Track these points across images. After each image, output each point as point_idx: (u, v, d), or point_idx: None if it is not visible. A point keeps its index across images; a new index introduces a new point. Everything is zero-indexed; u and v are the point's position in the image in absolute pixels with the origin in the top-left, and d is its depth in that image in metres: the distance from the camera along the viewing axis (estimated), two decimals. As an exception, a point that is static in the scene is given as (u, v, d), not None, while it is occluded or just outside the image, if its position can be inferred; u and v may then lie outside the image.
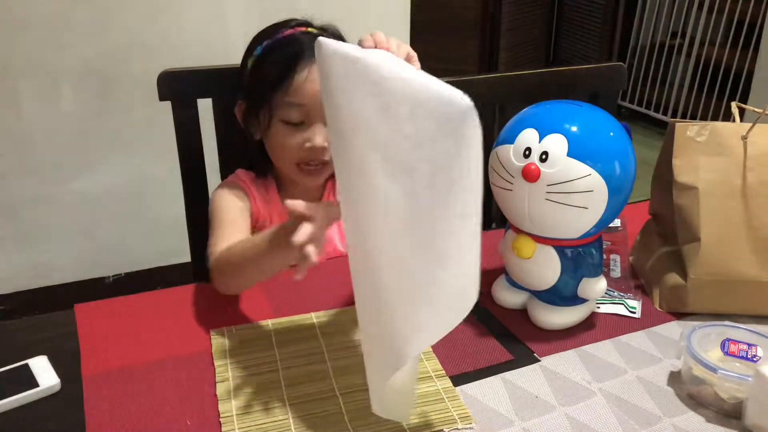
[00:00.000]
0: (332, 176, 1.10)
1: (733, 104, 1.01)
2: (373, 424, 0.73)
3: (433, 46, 2.65)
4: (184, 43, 2.01)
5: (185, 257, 1.27)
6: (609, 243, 1.11)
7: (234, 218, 1.00)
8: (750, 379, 0.72)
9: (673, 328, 0.92)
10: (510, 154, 0.83)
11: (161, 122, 1.29)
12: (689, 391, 0.79)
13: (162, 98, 1.15)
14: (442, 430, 0.72)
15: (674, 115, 3.70)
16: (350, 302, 0.96)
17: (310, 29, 0.99)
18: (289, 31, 0.99)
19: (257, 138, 1.03)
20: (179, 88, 1.16)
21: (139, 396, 0.76)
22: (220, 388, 0.78)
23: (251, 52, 1.01)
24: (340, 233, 1.12)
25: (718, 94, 3.48)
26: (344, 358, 0.83)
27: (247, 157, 1.07)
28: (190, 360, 0.83)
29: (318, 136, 0.97)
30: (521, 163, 0.81)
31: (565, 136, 0.79)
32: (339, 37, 1.01)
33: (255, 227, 1.07)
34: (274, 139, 1.00)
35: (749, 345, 0.80)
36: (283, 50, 0.97)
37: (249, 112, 1.01)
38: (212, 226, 1.00)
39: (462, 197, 0.58)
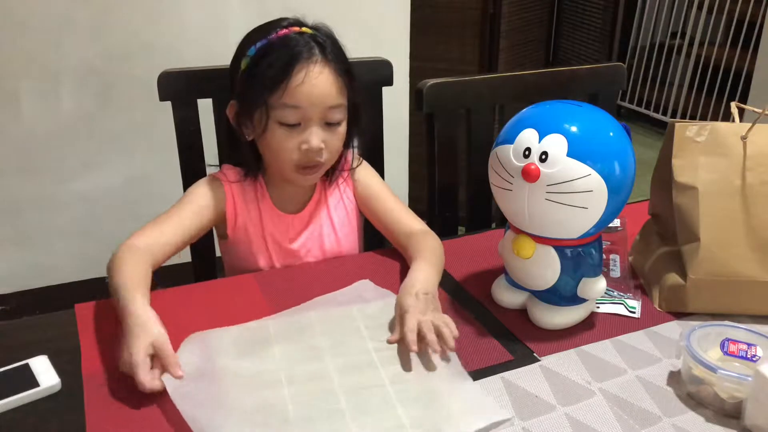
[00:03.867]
0: (324, 174, 1.09)
1: (733, 104, 1.01)
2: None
3: (433, 46, 2.64)
4: (184, 43, 2.01)
5: (185, 257, 1.27)
6: (609, 243, 1.11)
7: (173, 214, 1.01)
8: (749, 379, 0.72)
9: (673, 328, 0.92)
10: (510, 154, 0.83)
11: (161, 122, 1.29)
12: (689, 390, 0.79)
13: (162, 98, 1.15)
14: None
15: (674, 115, 3.70)
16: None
17: (303, 29, 0.99)
18: (283, 31, 0.97)
19: (249, 139, 1.02)
20: (179, 88, 1.16)
21: (139, 396, 0.76)
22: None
23: (244, 52, 0.99)
24: (336, 234, 1.12)
25: (718, 94, 3.48)
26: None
27: (238, 157, 1.06)
28: (190, 360, 0.83)
29: (314, 138, 0.97)
30: (521, 163, 0.81)
31: (565, 136, 0.79)
32: (331, 37, 1.01)
33: (234, 228, 1.06)
34: (271, 141, 0.99)
35: (749, 345, 0.80)
36: (279, 51, 0.95)
37: (242, 113, 1.00)
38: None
39: None
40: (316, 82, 0.95)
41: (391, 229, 1.09)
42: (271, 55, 0.96)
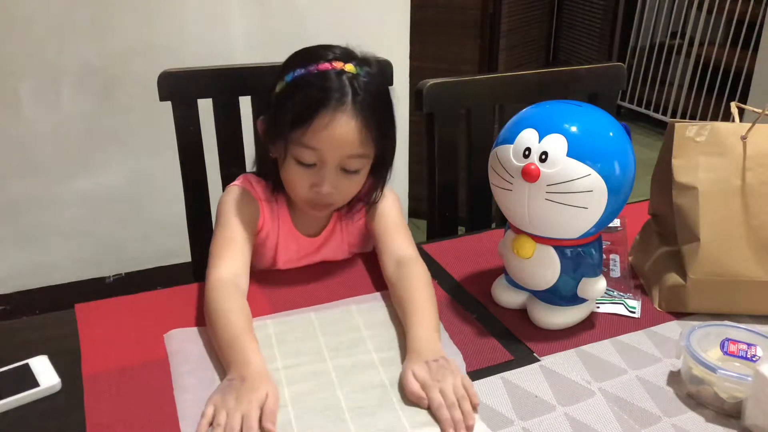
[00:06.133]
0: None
1: (733, 104, 1.01)
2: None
3: (433, 46, 2.64)
4: (184, 43, 2.01)
5: (185, 257, 1.27)
6: (609, 243, 1.11)
7: (236, 236, 0.97)
8: (749, 378, 0.72)
9: (673, 328, 0.92)
10: (510, 154, 0.83)
11: (161, 122, 1.29)
12: (689, 390, 0.79)
13: (162, 98, 1.15)
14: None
15: (674, 115, 3.70)
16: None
17: (347, 66, 0.93)
18: (323, 66, 0.92)
19: (274, 157, 0.99)
20: (179, 88, 1.16)
21: (139, 396, 0.76)
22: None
23: (283, 75, 0.96)
24: (349, 253, 1.11)
25: (718, 94, 3.48)
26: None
27: (264, 169, 1.04)
28: (190, 360, 0.83)
29: (326, 184, 0.94)
30: (521, 163, 0.81)
31: (565, 136, 0.79)
32: (381, 73, 0.96)
33: (258, 236, 1.04)
34: (286, 173, 0.97)
35: (749, 345, 0.80)
36: (310, 88, 0.91)
37: (268, 133, 0.98)
38: (215, 236, 0.98)
39: None
40: (339, 131, 0.90)
41: (380, 250, 1.03)
42: (302, 91, 0.92)
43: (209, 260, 0.95)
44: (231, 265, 0.94)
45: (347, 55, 0.95)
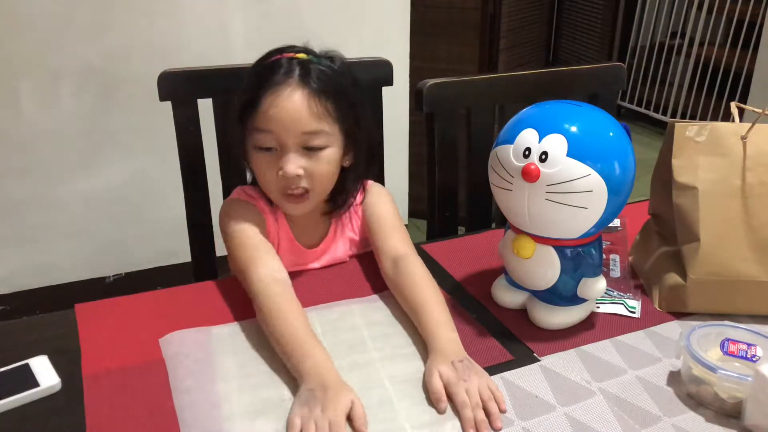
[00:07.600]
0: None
1: (733, 104, 1.01)
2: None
3: (433, 46, 2.64)
4: (184, 43, 2.01)
5: (185, 257, 1.27)
6: (609, 243, 1.11)
7: (260, 239, 0.96)
8: (749, 378, 0.72)
9: (673, 328, 0.92)
10: (510, 154, 0.83)
11: (161, 122, 1.29)
12: (689, 390, 0.79)
13: (162, 98, 1.15)
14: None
15: (674, 115, 3.70)
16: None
17: (299, 55, 0.94)
18: (276, 57, 0.94)
19: (248, 163, 0.98)
20: (179, 88, 1.16)
21: (139, 396, 0.76)
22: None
23: (243, 78, 0.97)
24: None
25: (718, 94, 3.48)
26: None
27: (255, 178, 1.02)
28: (190, 360, 0.83)
29: (289, 164, 0.92)
30: (521, 163, 0.81)
31: (565, 137, 0.79)
32: (343, 66, 0.96)
33: None
34: (254, 167, 0.96)
35: (749, 345, 0.80)
36: (258, 76, 0.93)
37: (234, 135, 0.97)
38: (236, 248, 0.95)
39: None
40: (285, 105, 0.90)
41: (377, 252, 1.03)
42: (251, 79, 0.94)
43: (243, 269, 0.92)
44: (269, 263, 0.93)
45: (305, 50, 0.97)
